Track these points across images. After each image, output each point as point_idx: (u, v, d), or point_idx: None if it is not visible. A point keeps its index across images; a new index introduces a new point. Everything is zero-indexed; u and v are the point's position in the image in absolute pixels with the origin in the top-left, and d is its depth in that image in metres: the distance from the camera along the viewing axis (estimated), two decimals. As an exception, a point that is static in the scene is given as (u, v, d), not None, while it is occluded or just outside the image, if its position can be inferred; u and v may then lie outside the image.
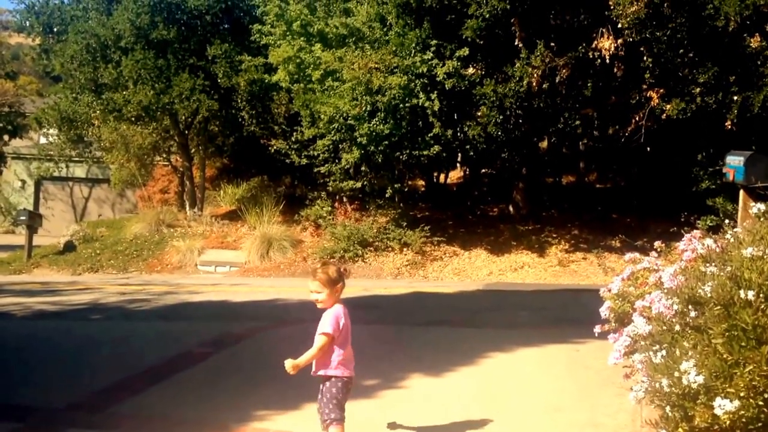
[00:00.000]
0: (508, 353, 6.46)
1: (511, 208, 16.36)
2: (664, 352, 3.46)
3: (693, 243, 4.31)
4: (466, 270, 14.28)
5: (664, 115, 12.50)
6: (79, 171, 25.15)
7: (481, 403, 5.11)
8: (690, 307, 3.49)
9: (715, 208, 12.91)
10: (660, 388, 3.33)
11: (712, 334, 3.21)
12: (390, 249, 14.75)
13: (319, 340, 3.84)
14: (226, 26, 17.24)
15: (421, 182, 18.20)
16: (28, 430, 4.71)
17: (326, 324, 3.85)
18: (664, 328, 3.68)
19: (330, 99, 14.00)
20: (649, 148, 13.67)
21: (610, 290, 5.18)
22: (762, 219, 3.78)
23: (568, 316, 8.83)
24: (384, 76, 13.45)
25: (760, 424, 3.01)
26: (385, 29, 14.48)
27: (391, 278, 13.90)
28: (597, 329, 5.34)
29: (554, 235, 15.19)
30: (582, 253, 14.48)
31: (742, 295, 3.13)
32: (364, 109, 13.70)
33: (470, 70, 13.66)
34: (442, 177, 18.69)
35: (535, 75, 12.87)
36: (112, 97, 16.54)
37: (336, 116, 13.87)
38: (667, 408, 3.38)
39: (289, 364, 3.74)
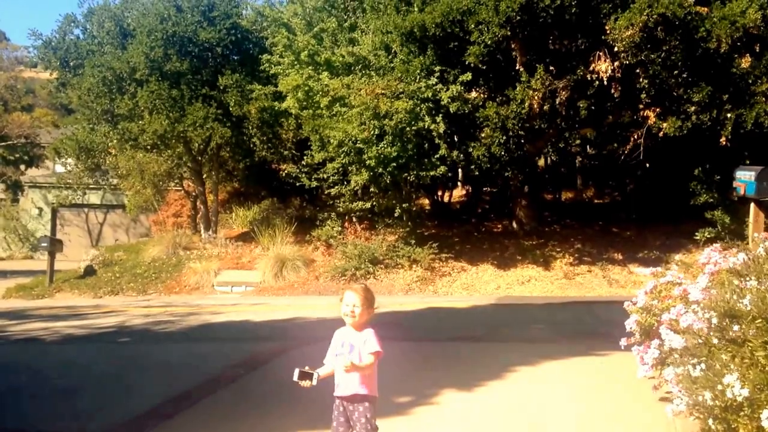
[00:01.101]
0: (533, 366, 6.63)
1: (514, 224, 16.87)
2: (703, 366, 3.63)
3: (714, 257, 4.68)
4: (475, 285, 14.77)
5: (662, 132, 13.06)
6: (94, 198, 25.85)
7: (516, 420, 5.18)
8: (728, 320, 3.58)
9: (714, 221, 13.41)
10: (703, 401, 3.47)
11: (753, 347, 3.34)
12: (400, 266, 15.25)
13: (369, 359, 3.80)
14: (236, 57, 17.82)
15: (426, 201, 18.72)
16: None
17: (375, 343, 3.80)
18: (701, 341, 3.82)
19: (339, 124, 14.56)
20: (648, 164, 14.19)
21: (635, 303, 5.52)
22: None
23: (585, 329, 9.11)
24: (390, 101, 14.02)
25: None
26: (390, 57, 15.07)
27: (402, 294, 14.37)
28: (623, 342, 5.64)
29: (558, 249, 15.70)
30: (586, 265, 14.98)
31: None
32: (371, 132, 14.25)
33: (473, 94, 14.22)
34: (446, 196, 19.22)
35: (536, 97, 13.44)
36: (128, 126, 17.10)
37: (345, 140, 14.43)
38: (710, 420, 3.55)
39: (348, 361, 3.75)
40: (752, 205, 8.43)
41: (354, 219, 16.53)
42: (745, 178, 8.35)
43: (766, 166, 8.39)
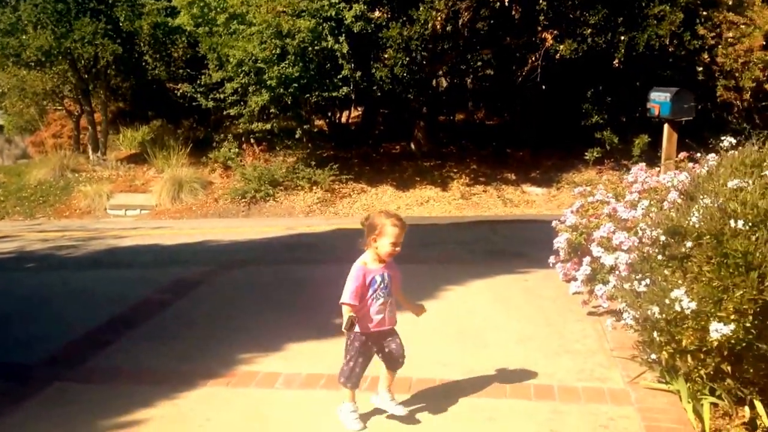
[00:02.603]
0: (461, 285, 6.79)
1: (412, 146, 17.08)
2: (647, 281, 3.89)
3: (641, 176, 5.01)
4: (375, 205, 14.94)
5: (558, 55, 13.48)
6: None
7: (452, 337, 5.31)
8: (671, 238, 3.82)
9: (603, 141, 14.16)
10: (651, 315, 3.71)
11: (699, 262, 3.56)
12: (300, 188, 15.18)
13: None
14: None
15: (323, 122, 18.52)
16: (17, 387, 4.65)
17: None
18: (643, 258, 4.14)
19: (238, 42, 13.98)
20: (544, 87, 14.66)
21: (563, 222, 5.82)
22: (730, 152, 4.22)
23: (496, 248, 9.40)
24: (292, 19, 13.57)
25: (744, 344, 3.44)
26: (291, -28, 14.50)
27: (303, 216, 14.38)
28: (551, 260, 5.99)
29: (455, 170, 16.11)
30: (482, 186, 15.50)
31: (732, 225, 3.46)
32: (273, 52, 13.82)
33: (377, 14, 14.03)
34: (343, 117, 19.08)
35: (439, 18, 13.46)
36: (9, 41, 15.72)
37: (245, 59, 13.91)
38: (654, 333, 3.84)
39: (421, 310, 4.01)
40: (666, 125, 8.93)
41: (252, 141, 16.15)
42: (660, 99, 8.81)
43: (681, 88, 8.90)
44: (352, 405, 3.87)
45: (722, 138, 4.33)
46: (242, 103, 14.94)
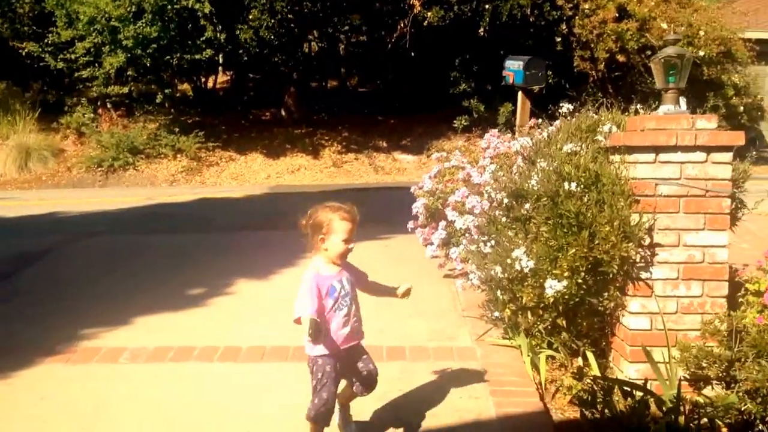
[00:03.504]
0: None
1: (283, 112, 16.77)
2: (493, 243, 3.96)
3: (493, 141, 5.07)
4: (244, 174, 14.60)
5: (426, 22, 13.55)
6: None
7: None
8: (515, 200, 3.89)
9: (470, 109, 14.44)
10: (495, 274, 3.79)
11: (537, 223, 3.65)
12: (163, 156, 14.55)
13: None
14: None
15: (188, 87, 17.80)
16: None
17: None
18: (489, 220, 4.18)
19: (89, -2, 13.11)
20: (413, 54, 14.74)
21: (421, 188, 5.83)
22: (568, 118, 4.30)
23: (364, 214, 9.46)
24: (149, -26, 12.87)
25: (577, 299, 3.58)
26: None
27: (167, 185, 13.81)
28: (410, 225, 6.01)
29: (326, 138, 15.97)
30: (353, 153, 15.46)
31: (566, 187, 3.57)
32: (128, 9, 13.04)
33: (240, -28, 13.53)
34: (209, 82, 18.40)
35: (306, -21, 13.18)
36: None
37: (97, 17, 13.06)
38: (498, 292, 3.92)
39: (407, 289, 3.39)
40: (519, 93, 9.17)
41: (109, 105, 15.30)
42: (513, 67, 9.03)
43: (533, 56, 9.13)
44: None
45: (561, 104, 4.43)
46: (96, 64, 14.07)
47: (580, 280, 3.50)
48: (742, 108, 14.59)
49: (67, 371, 4.13)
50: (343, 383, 3.18)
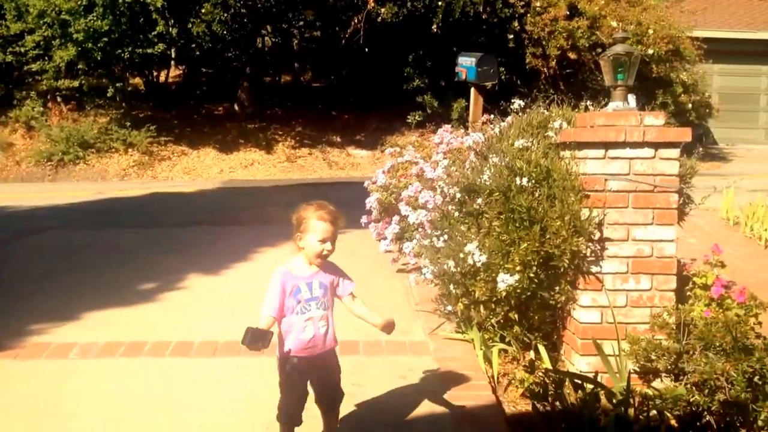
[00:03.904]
0: (275, 247, 6.60)
1: (236, 107, 16.61)
2: (445, 237, 3.97)
3: (446, 137, 5.09)
4: (197, 169, 14.44)
5: (380, 18, 13.55)
6: None
7: (259, 299, 5.29)
8: (467, 195, 3.90)
9: (424, 105, 14.50)
10: (448, 269, 3.79)
11: (490, 218, 3.67)
12: (114, 150, 14.32)
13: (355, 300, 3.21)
14: None
15: (139, 81, 17.51)
16: None
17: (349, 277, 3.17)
18: (442, 215, 4.17)
19: (38, -10, 12.80)
20: (367, 49, 14.72)
21: (375, 183, 5.82)
22: (520, 114, 4.33)
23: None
24: (99, -33, 12.61)
25: (529, 293, 3.61)
26: None
27: (117, 180, 13.59)
28: (364, 219, 6.01)
29: (280, 133, 15.88)
30: (307, 148, 15.40)
31: (518, 182, 3.60)
32: (78, 3, 12.81)
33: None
34: (162, 76, 18.13)
35: (258, -27, 13.06)
36: None
37: (47, 10, 12.79)
38: (451, 286, 3.93)
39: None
40: (472, 89, 9.23)
41: (59, 99, 14.97)
42: (466, 63, 9.09)
43: (485, 53, 9.20)
44: None
45: (513, 100, 4.47)
46: (46, 57, 13.81)
47: (531, 274, 3.54)
48: (690, 105, 14.95)
49: (16, 367, 4.03)
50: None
